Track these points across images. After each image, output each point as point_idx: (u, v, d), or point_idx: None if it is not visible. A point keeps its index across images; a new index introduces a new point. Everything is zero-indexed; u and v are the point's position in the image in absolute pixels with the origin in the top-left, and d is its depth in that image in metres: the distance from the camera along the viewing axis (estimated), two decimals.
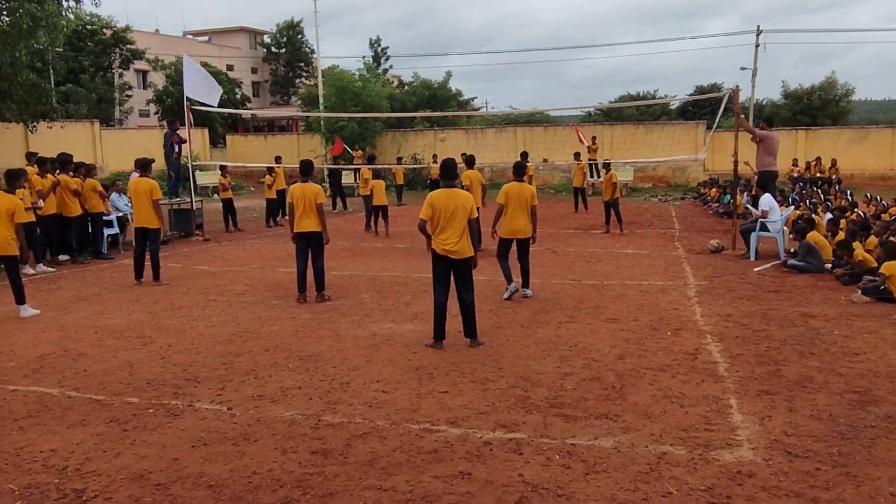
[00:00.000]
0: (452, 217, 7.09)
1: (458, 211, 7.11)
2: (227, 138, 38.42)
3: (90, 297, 9.94)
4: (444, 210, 7.10)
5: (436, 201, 7.15)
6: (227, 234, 17.27)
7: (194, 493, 4.17)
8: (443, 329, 7.23)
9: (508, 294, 9.28)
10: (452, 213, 7.09)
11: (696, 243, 14.27)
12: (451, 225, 7.10)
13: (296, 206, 9.25)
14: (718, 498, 4.00)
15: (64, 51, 31.11)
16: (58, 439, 5.01)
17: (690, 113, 42.49)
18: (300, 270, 9.41)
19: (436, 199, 7.17)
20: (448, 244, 7.09)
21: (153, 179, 11.23)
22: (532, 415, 5.28)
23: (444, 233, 7.11)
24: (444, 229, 7.11)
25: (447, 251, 7.10)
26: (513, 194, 9.11)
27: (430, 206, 7.16)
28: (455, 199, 7.15)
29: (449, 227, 7.10)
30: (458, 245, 7.09)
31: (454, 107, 42.56)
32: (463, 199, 7.21)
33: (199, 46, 58.84)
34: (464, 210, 7.14)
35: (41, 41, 19.36)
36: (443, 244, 7.11)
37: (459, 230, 7.11)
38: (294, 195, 9.30)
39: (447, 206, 7.10)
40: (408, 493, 4.12)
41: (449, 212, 7.09)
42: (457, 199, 7.16)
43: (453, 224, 7.10)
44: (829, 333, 7.41)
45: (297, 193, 9.27)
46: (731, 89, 13.83)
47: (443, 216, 7.10)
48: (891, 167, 29.12)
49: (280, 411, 5.46)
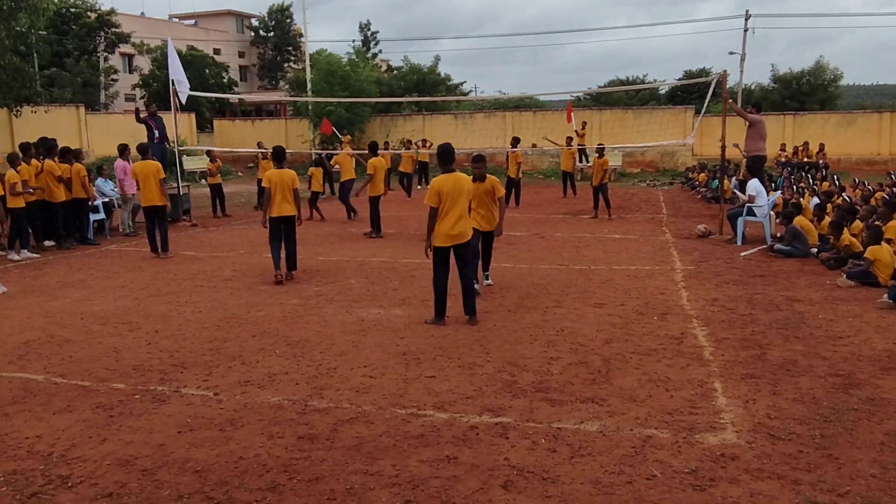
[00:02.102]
0: (457, 201, 7.28)
1: (462, 195, 7.33)
2: (215, 123, 38.13)
3: (76, 283, 9.88)
4: (451, 195, 7.23)
5: (443, 187, 7.25)
6: (215, 220, 17.19)
7: (180, 479, 4.17)
8: (444, 306, 7.49)
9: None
10: (457, 197, 7.27)
11: (684, 228, 14.32)
12: (455, 209, 7.26)
13: (274, 191, 9.59)
14: (702, 480, 4.03)
15: (48, 34, 30.79)
16: (43, 425, 4.99)
17: (679, 98, 42.52)
18: (276, 251, 9.74)
19: (442, 185, 7.26)
20: (455, 230, 7.26)
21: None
22: (518, 399, 5.31)
23: (450, 218, 7.24)
24: (451, 214, 7.25)
25: (453, 237, 7.27)
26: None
27: (438, 193, 7.25)
28: (460, 183, 7.33)
29: (454, 211, 7.26)
30: (462, 227, 7.33)
31: (443, 92, 42.41)
32: (466, 182, 7.46)
33: (185, 30, 58.37)
34: (468, 193, 7.45)
35: (22, 23, 19.11)
36: (448, 230, 7.24)
37: (464, 213, 7.37)
38: (272, 181, 9.63)
39: (453, 191, 7.25)
40: (394, 477, 4.14)
41: (455, 196, 7.25)
42: (461, 183, 7.35)
43: (457, 208, 7.28)
44: (813, 317, 7.47)
45: (276, 179, 9.64)
46: (719, 74, 13.83)
47: (450, 201, 7.23)
48: (877, 152, 29.27)
49: (267, 397, 5.46)
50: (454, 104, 40.14)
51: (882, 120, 29.68)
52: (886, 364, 5.95)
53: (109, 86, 42.61)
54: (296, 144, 32.41)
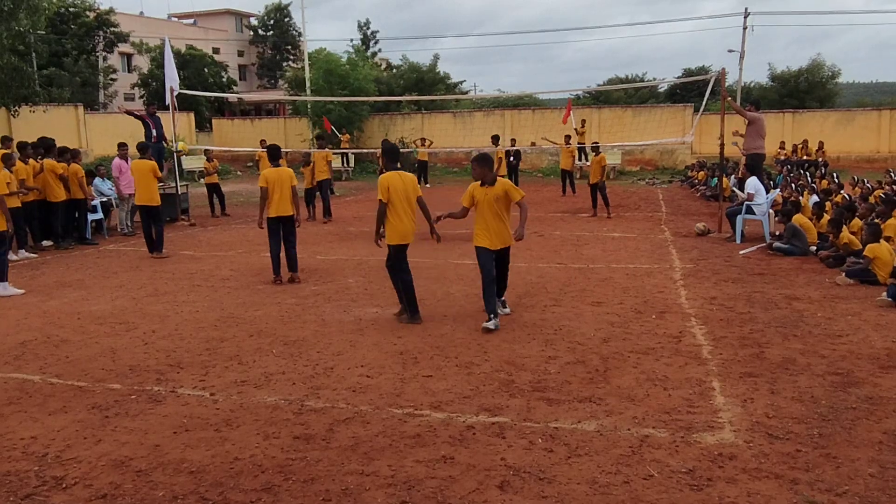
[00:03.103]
0: (403, 198, 7.38)
1: (408, 192, 7.42)
2: (214, 122, 38.11)
3: (73, 283, 9.86)
4: (398, 192, 7.35)
5: (391, 183, 7.35)
6: (213, 219, 17.17)
7: (175, 480, 4.15)
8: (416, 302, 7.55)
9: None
10: (403, 194, 7.38)
11: (683, 226, 14.30)
12: (403, 205, 7.38)
13: (272, 190, 9.38)
14: (699, 480, 4.01)
15: (47, 34, 30.74)
16: (38, 426, 4.97)
17: (678, 96, 42.45)
18: (275, 252, 9.57)
19: (391, 181, 7.36)
20: (410, 227, 7.45)
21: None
22: (516, 398, 5.28)
23: (403, 216, 7.38)
24: (401, 211, 7.36)
25: (408, 234, 7.44)
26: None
27: (388, 188, 7.34)
28: (405, 181, 7.45)
29: (402, 207, 7.37)
30: (413, 224, 7.50)
31: (442, 90, 42.38)
32: (409, 180, 7.55)
33: (184, 29, 58.31)
34: (412, 191, 7.48)
35: (21, 23, 19.09)
36: (405, 228, 7.40)
37: (414, 210, 7.49)
38: (269, 180, 9.41)
39: (401, 188, 7.37)
40: (390, 477, 4.12)
41: (402, 193, 7.37)
42: (406, 181, 7.47)
43: (405, 205, 7.40)
44: (812, 316, 7.45)
45: (273, 178, 9.42)
46: (718, 72, 13.81)
47: (397, 198, 7.34)
48: (877, 149, 29.26)
49: (263, 397, 5.44)
50: (453, 103, 40.10)
51: (881, 117, 29.67)
52: (885, 362, 5.93)
53: (108, 85, 42.60)
54: (295, 143, 32.40)
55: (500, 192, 7.09)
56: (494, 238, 7.16)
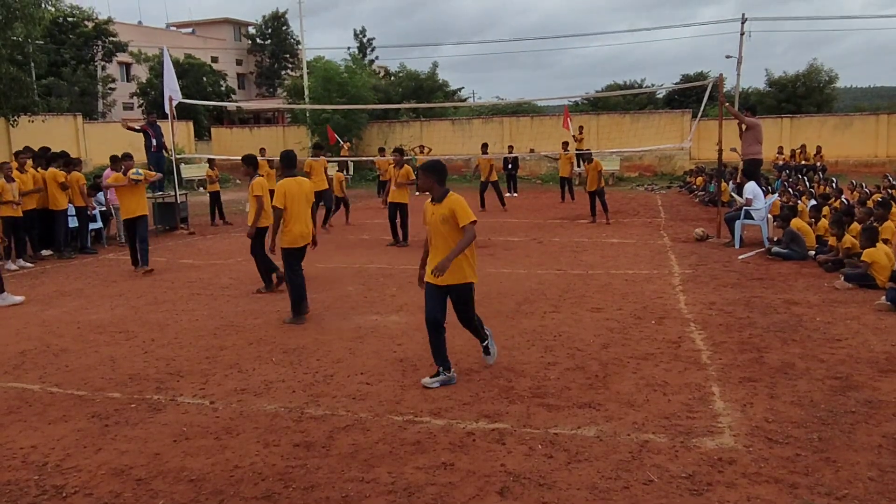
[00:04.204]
0: (299, 204, 7.82)
1: (302, 197, 7.89)
2: (213, 131, 38.13)
3: (73, 292, 9.86)
4: (294, 198, 7.78)
5: (288, 189, 7.76)
6: (213, 228, 17.17)
7: (175, 488, 4.15)
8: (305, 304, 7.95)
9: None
10: (299, 200, 7.83)
11: (682, 232, 14.31)
12: (298, 210, 7.79)
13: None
14: (699, 485, 4.02)
15: (45, 43, 30.79)
16: (38, 435, 4.97)
17: (676, 101, 42.53)
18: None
19: (288, 188, 7.77)
20: (305, 232, 7.92)
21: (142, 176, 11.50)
22: (515, 405, 5.29)
23: (299, 219, 7.83)
24: (296, 215, 7.80)
25: (305, 236, 7.90)
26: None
27: (284, 194, 7.73)
28: (301, 187, 7.93)
29: (298, 211, 7.79)
30: (308, 227, 7.96)
31: (441, 98, 42.45)
32: (306, 185, 8.03)
33: (182, 38, 58.43)
34: (307, 196, 7.98)
35: (18, 33, 19.11)
36: (301, 230, 7.86)
37: (306, 216, 7.92)
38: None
39: (297, 194, 7.82)
40: (390, 484, 4.12)
41: (297, 199, 7.80)
42: (302, 187, 7.95)
43: (300, 209, 7.81)
44: (811, 320, 7.46)
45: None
46: (716, 78, 13.86)
47: (293, 203, 7.77)
48: (875, 154, 29.31)
49: (263, 405, 5.44)
50: (452, 110, 40.16)
51: (879, 122, 29.73)
52: (884, 366, 5.94)
53: (107, 94, 42.66)
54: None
55: (447, 213, 5.65)
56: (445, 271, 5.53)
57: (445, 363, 5.79)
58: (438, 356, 5.78)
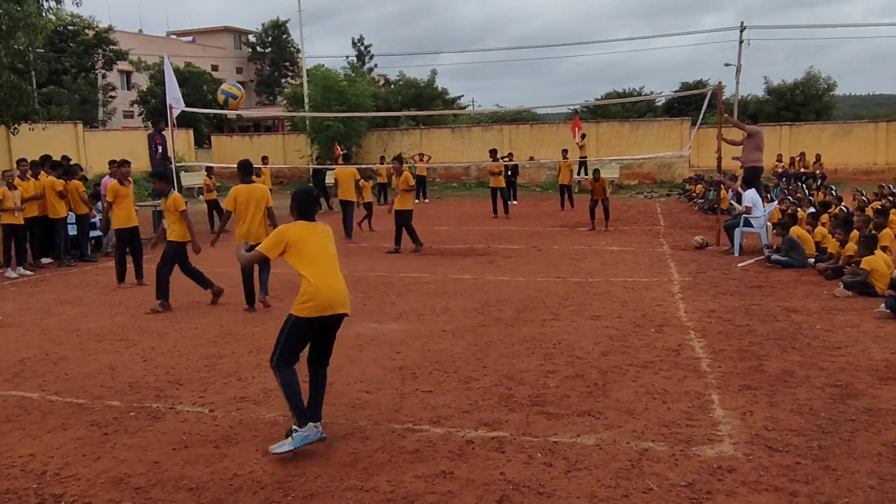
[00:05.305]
0: (249, 207, 8.74)
1: (252, 202, 8.80)
2: (213, 139, 38.21)
3: (72, 300, 9.86)
4: (245, 202, 8.75)
5: (238, 195, 8.77)
6: (211, 235, 17.11)
7: (174, 497, 4.14)
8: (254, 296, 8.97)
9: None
10: (249, 204, 8.75)
11: (681, 239, 14.33)
12: (248, 213, 8.76)
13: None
14: (699, 494, 4.01)
15: (46, 52, 30.87)
16: (37, 444, 4.96)
17: (676, 109, 42.64)
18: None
19: (238, 193, 8.77)
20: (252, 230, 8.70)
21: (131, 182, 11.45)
22: (515, 413, 5.28)
23: (247, 221, 8.77)
24: (246, 218, 8.77)
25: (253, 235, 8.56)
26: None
27: (234, 199, 8.78)
28: (253, 193, 8.86)
29: (247, 214, 8.76)
30: (257, 230, 8.74)
31: (440, 106, 42.52)
32: (257, 191, 8.94)
33: (183, 46, 58.56)
34: (256, 201, 8.85)
35: (20, 42, 19.14)
36: (248, 229, 8.72)
37: (259, 219, 8.83)
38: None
39: (248, 199, 8.76)
40: (389, 493, 4.11)
41: (248, 203, 8.74)
42: (254, 193, 8.88)
43: (249, 213, 8.76)
44: (811, 328, 7.45)
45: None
46: (715, 86, 13.90)
47: (244, 206, 8.75)
48: (874, 161, 29.36)
49: (262, 413, 5.43)
50: (451, 118, 40.24)
51: (878, 130, 29.82)
52: (884, 374, 5.94)
53: (107, 103, 42.73)
54: (293, 160, 32.49)
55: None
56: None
57: (303, 417, 4.65)
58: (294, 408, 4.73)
